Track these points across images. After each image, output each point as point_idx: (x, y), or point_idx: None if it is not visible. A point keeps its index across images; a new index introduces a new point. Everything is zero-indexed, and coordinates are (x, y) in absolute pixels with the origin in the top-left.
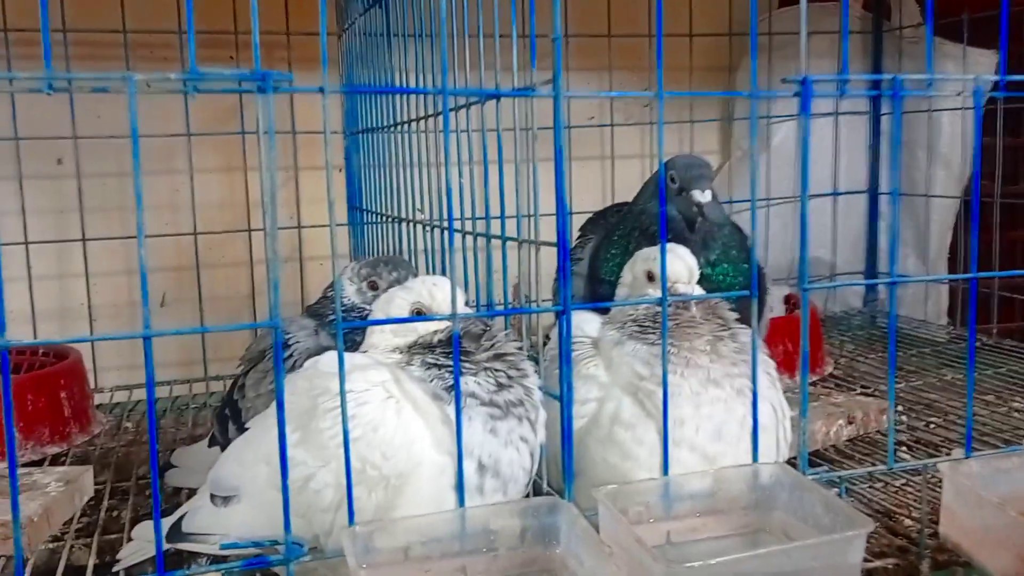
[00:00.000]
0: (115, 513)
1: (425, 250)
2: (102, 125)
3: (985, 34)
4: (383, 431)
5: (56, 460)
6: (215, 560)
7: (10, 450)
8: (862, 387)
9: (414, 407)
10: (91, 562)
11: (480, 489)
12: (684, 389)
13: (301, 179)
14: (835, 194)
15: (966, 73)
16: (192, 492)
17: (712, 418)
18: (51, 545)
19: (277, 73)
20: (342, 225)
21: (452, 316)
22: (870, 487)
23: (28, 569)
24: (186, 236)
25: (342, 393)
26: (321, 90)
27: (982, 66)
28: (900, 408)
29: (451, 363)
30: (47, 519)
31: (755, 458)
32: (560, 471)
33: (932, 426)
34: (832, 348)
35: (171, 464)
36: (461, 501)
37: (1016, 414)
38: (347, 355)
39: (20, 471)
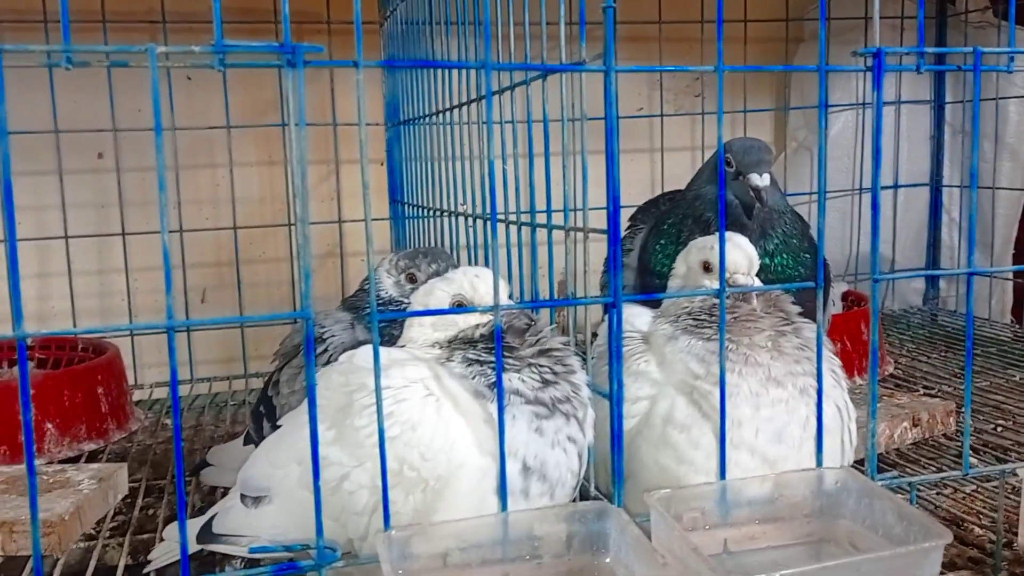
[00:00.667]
0: (150, 512)
1: (468, 244)
2: (142, 118)
3: None
4: (422, 430)
5: (93, 457)
6: (249, 563)
7: (28, 444)
8: (924, 387)
9: (454, 405)
10: (123, 562)
11: (525, 493)
12: (743, 389)
13: (342, 173)
14: (896, 187)
15: None
16: (227, 491)
17: (773, 420)
18: (83, 544)
19: (307, 46)
20: (380, 220)
21: (494, 308)
22: (937, 493)
23: (59, 569)
24: (226, 231)
25: (377, 389)
26: (356, 64)
27: None
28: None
29: (493, 359)
30: (79, 517)
31: (819, 462)
32: (608, 474)
33: (1000, 429)
34: (892, 347)
35: (207, 462)
36: (504, 506)
37: None
38: (384, 350)
39: (54, 468)
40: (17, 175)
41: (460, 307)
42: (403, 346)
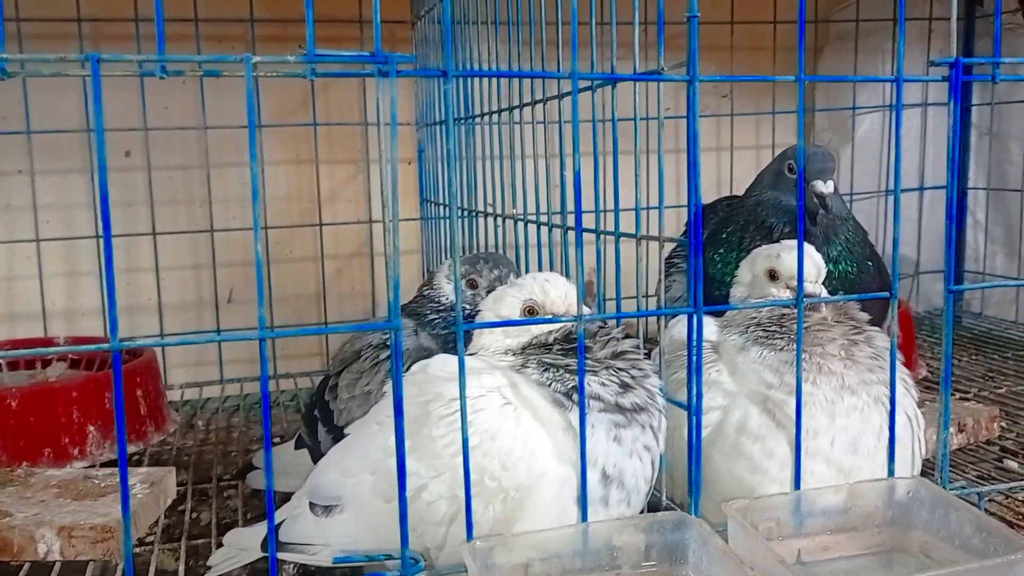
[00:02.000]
0: (195, 515)
1: (515, 244)
2: (170, 116)
3: None
4: (501, 440)
5: (132, 459)
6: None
7: (121, 449)
8: (959, 391)
9: (533, 414)
10: (181, 568)
11: (605, 501)
12: (818, 397)
13: (372, 172)
14: (921, 189)
15: None
16: (278, 495)
17: (848, 429)
18: (137, 549)
19: (399, 56)
20: (410, 220)
21: (578, 319)
22: (989, 500)
23: (118, 575)
24: (251, 231)
25: (462, 399)
26: (444, 74)
27: None
28: (1006, 414)
29: (568, 362)
30: (134, 522)
31: (891, 471)
32: (680, 483)
33: None
34: (921, 350)
35: (253, 466)
36: (584, 516)
37: None
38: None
39: (103, 471)
40: (46, 173)
41: (531, 312)
42: (474, 353)
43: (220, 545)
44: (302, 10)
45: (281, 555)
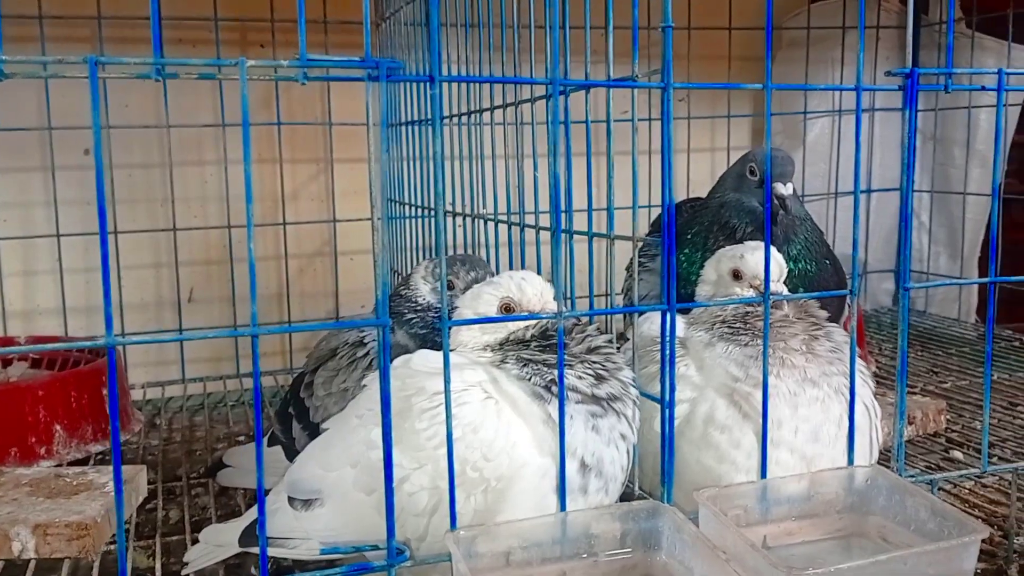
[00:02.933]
0: (165, 513)
1: (486, 244)
2: (130, 114)
3: None
4: (483, 432)
5: (98, 458)
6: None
7: (115, 447)
8: (907, 386)
9: (513, 407)
10: (157, 565)
11: (584, 489)
12: (781, 389)
13: (336, 172)
14: (870, 191)
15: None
16: (249, 492)
17: (810, 419)
18: (110, 548)
19: (389, 61)
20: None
21: (558, 315)
22: (939, 488)
23: (96, 571)
24: (214, 230)
25: (447, 393)
26: (431, 79)
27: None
28: (951, 407)
29: (546, 357)
30: (108, 520)
31: (850, 460)
32: (651, 474)
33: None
34: (869, 347)
35: (223, 463)
36: (563, 505)
37: None
38: (439, 354)
39: (74, 470)
40: (3, 172)
41: (508, 309)
42: (453, 349)
43: (195, 542)
44: (259, 12)
45: (254, 550)
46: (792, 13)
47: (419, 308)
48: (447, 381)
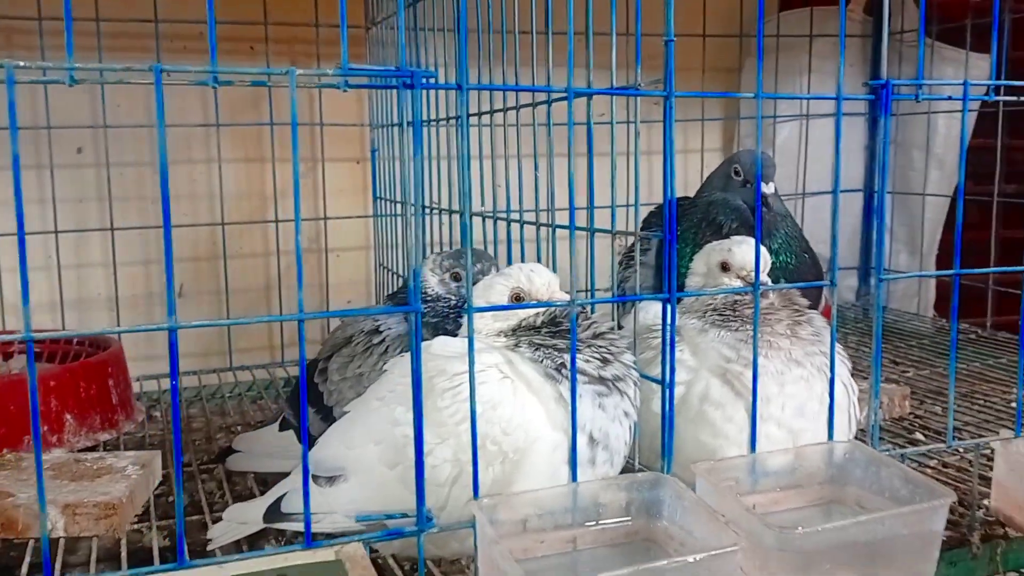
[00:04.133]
0: (171, 498)
1: (495, 241)
2: (121, 114)
3: (986, 40)
4: (502, 409)
5: (107, 446)
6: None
7: (35, 435)
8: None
9: (527, 387)
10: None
11: (592, 461)
12: (769, 368)
13: (326, 171)
14: (836, 192)
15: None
16: (259, 476)
17: (796, 396)
18: (136, 527)
19: (423, 71)
20: (367, 215)
21: (571, 303)
22: (908, 460)
23: (123, 550)
24: (203, 227)
25: (471, 373)
26: (459, 87)
27: (981, 70)
28: (915, 394)
29: (557, 342)
30: (132, 501)
31: (830, 435)
32: (649, 451)
33: (943, 411)
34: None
35: (232, 449)
36: (574, 476)
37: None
38: (460, 340)
39: (92, 455)
40: None
41: (518, 299)
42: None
43: (215, 521)
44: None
45: (280, 525)
46: (764, 20)
47: (428, 299)
48: (471, 362)
